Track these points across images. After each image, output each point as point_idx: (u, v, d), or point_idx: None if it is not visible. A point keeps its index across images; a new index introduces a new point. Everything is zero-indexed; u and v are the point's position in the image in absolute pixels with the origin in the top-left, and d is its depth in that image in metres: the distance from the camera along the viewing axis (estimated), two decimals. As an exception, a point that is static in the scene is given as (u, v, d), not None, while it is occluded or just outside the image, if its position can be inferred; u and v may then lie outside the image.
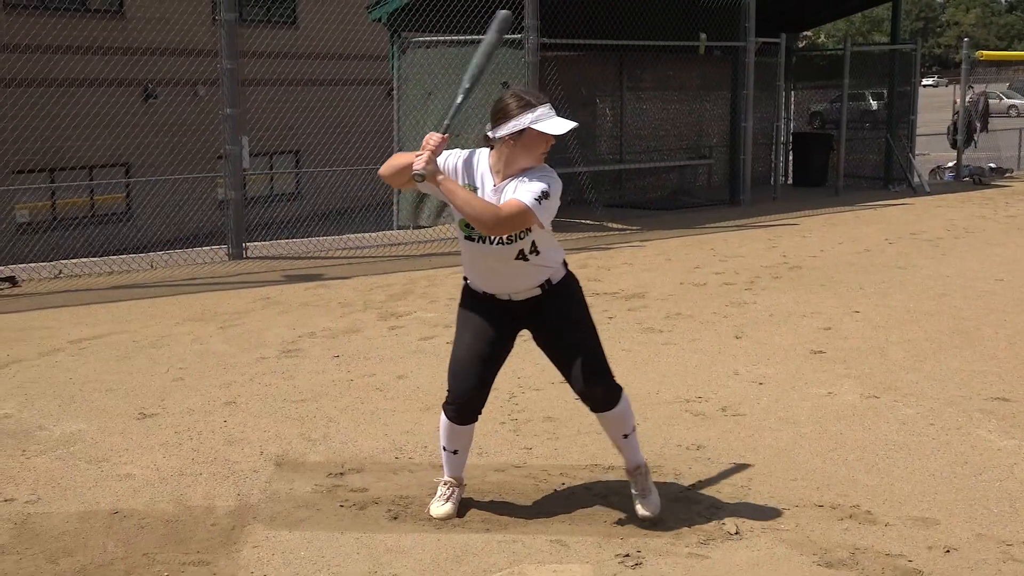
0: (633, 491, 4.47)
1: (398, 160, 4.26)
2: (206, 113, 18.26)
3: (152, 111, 19.63)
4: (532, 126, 4.04)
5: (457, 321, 4.44)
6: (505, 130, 4.07)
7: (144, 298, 9.06)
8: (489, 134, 4.14)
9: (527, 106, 4.06)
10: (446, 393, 4.41)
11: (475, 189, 4.18)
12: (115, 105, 17.69)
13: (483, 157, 4.23)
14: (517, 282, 4.25)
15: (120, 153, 18.38)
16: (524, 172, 4.12)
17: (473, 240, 4.22)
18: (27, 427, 5.64)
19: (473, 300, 4.40)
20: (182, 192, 16.56)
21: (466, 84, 4.33)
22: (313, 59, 21.85)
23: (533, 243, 4.17)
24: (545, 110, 4.07)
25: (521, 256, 4.17)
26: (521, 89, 4.19)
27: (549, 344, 4.39)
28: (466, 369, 4.33)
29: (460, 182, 4.20)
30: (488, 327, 4.34)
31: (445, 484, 4.52)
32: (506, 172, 4.14)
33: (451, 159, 4.26)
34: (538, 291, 4.27)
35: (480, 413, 4.43)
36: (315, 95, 21.72)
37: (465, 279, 4.43)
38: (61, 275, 10.12)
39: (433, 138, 4.13)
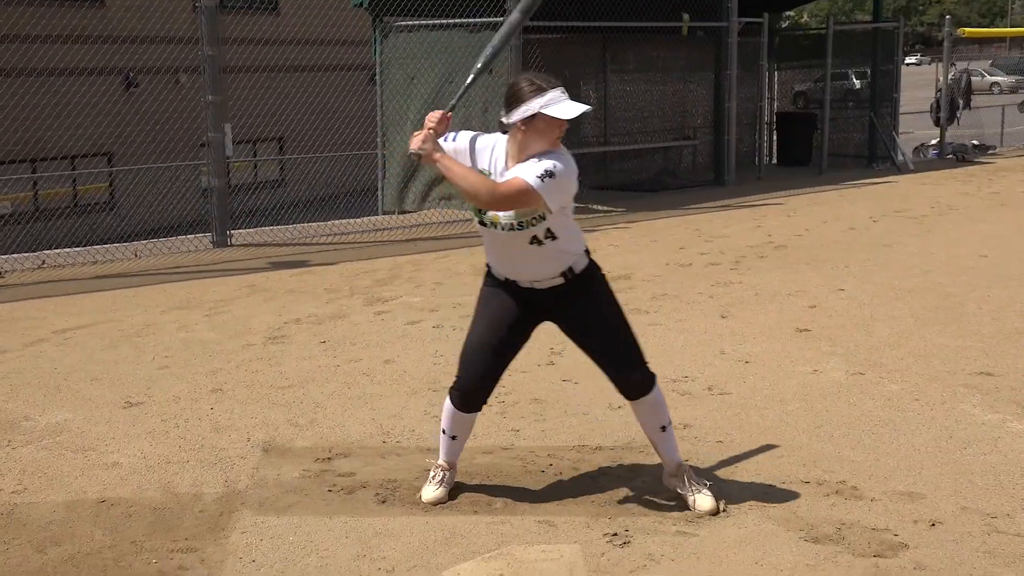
0: (685, 489, 4.36)
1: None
2: (188, 101, 18.16)
3: (134, 100, 19.52)
4: (543, 111, 4.01)
5: (476, 305, 4.38)
6: (517, 115, 4.04)
7: (129, 287, 9.04)
8: (503, 120, 4.11)
9: (538, 91, 4.02)
10: (454, 378, 4.39)
11: (488, 174, 4.14)
12: (96, 94, 17.59)
13: (500, 143, 4.19)
14: (536, 269, 4.20)
15: (102, 142, 18.27)
16: (537, 155, 4.07)
17: (485, 225, 4.18)
18: (13, 417, 5.63)
19: (495, 286, 4.33)
20: (165, 181, 16.51)
21: (479, 64, 4.32)
22: (295, 45, 21.74)
23: (548, 229, 4.12)
24: (556, 94, 4.03)
25: (535, 242, 4.12)
26: (533, 74, 4.13)
27: (579, 336, 4.33)
28: (476, 359, 4.33)
29: (468, 163, 4.16)
30: (506, 316, 4.29)
31: (438, 468, 4.52)
32: (520, 157, 4.09)
33: (461, 139, 4.23)
34: (561, 280, 4.20)
35: (485, 402, 4.43)
36: (298, 81, 21.63)
37: (488, 265, 4.37)
38: (44, 266, 10.08)
39: (434, 116, 4.11)
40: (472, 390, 4.35)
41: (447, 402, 4.44)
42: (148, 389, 6.10)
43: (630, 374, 4.29)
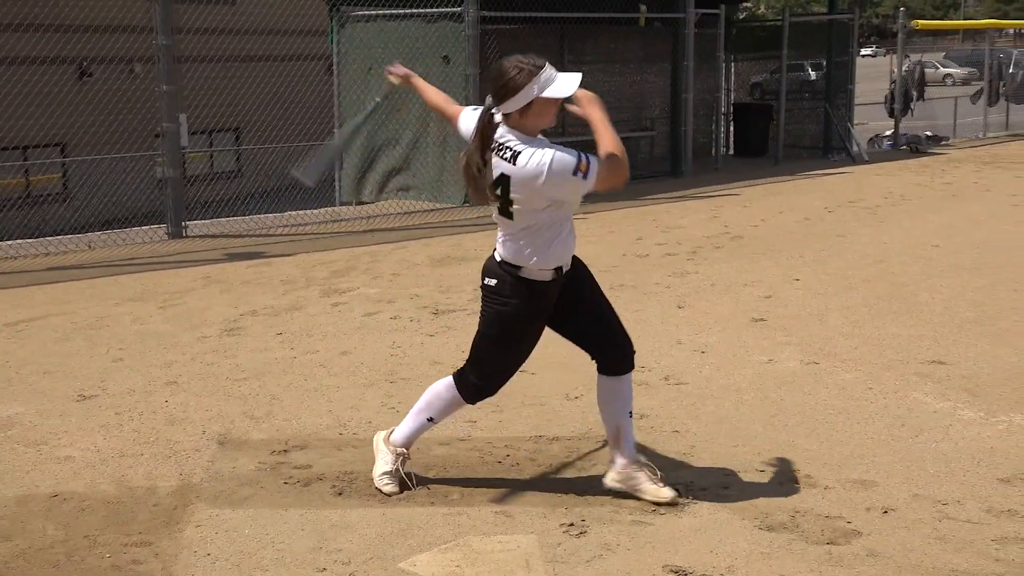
0: (639, 486, 4.32)
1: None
2: (143, 91, 17.96)
3: (88, 89, 19.28)
4: (543, 95, 3.98)
5: (517, 323, 4.21)
6: (515, 104, 4.00)
7: (82, 279, 8.94)
8: (496, 112, 4.05)
9: (529, 74, 3.97)
10: (479, 381, 4.32)
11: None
12: (49, 83, 17.36)
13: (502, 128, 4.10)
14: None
15: (55, 132, 18.05)
16: (516, 155, 3.99)
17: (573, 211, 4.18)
18: (-37, 411, 5.55)
19: (545, 296, 4.20)
20: (120, 171, 16.31)
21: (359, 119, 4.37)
22: (252, 35, 21.55)
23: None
24: (548, 72, 4.00)
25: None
26: (516, 57, 4.05)
27: (587, 308, 4.34)
28: (511, 372, 4.35)
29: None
30: (541, 329, 4.31)
31: (402, 455, 4.45)
32: (528, 139, 4.05)
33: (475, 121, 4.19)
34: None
35: None
36: (254, 71, 21.43)
37: (524, 278, 4.15)
38: (-4, 257, 9.95)
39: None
40: (494, 394, 4.41)
41: (455, 395, 4.36)
42: (102, 382, 6.04)
43: (627, 344, 4.37)
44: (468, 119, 4.32)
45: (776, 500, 4.36)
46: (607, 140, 4.05)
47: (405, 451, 4.46)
